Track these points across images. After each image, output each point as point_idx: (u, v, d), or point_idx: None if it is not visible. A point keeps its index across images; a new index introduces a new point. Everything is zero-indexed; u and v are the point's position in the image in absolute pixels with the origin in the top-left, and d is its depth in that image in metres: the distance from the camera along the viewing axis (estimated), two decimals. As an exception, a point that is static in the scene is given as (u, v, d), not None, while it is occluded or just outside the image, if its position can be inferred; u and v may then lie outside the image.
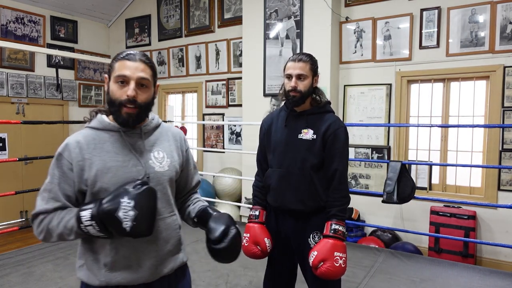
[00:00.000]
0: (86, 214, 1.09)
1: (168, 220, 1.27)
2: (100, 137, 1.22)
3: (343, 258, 1.69)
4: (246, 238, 1.89)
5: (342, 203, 1.77)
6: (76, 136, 1.24)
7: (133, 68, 1.17)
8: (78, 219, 1.10)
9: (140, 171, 1.21)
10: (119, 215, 1.06)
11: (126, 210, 1.07)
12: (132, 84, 1.16)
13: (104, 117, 1.25)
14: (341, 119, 1.91)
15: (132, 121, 1.20)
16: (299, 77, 1.80)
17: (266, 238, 1.87)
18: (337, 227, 1.72)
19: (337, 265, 1.66)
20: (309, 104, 1.88)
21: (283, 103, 1.98)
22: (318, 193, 1.80)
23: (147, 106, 1.22)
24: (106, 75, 1.23)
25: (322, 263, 1.67)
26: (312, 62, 1.84)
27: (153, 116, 1.32)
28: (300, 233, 1.84)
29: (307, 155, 1.80)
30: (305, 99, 1.84)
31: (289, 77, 1.83)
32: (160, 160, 1.27)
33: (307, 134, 1.82)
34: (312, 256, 1.70)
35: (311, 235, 1.82)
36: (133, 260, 1.20)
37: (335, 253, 1.67)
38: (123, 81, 1.17)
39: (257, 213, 1.95)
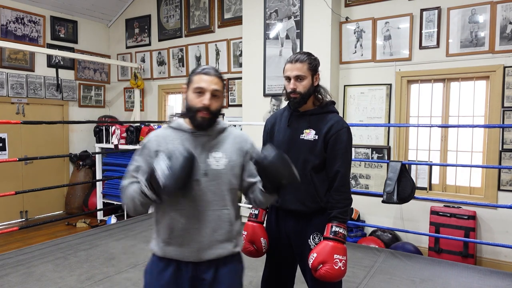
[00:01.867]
0: (143, 178, 1.34)
1: (218, 213, 1.45)
2: (174, 135, 1.48)
3: (343, 261, 1.67)
4: (243, 236, 1.92)
5: (344, 205, 1.75)
6: (157, 131, 1.53)
7: (208, 82, 1.41)
8: (140, 183, 1.35)
9: (200, 167, 1.42)
10: (156, 170, 1.26)
11: (162, 166, 1.26)
12: (207, 95, 1.40)
13: (181, 119, 1.51)
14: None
15: (206, 124, 1.43)
16: (298, 78, 1.78)
17: (262, 238, 1.89)
18: (337, 229, 1.70)
19: (337, 267, 1.65)
20: (312, 103, 1.85)
21: (286, 102, 1.96)
22: (319, 194, 1.79)
23: (218, 112, 1.46)
24: (185, 86, 1.48)
25: (321, 265, 1.66)
26: (310, 61, 1.80)
27: (219, 121, 1.52)
28: (301, 233, 1.83)
29: (308, 156, 1.79)
30: (306, 99, 1.81)
31: (288, 79, 1.81)
32: (218, 159, 1.46)
33: (309, 134, 1.81)
34: (312, 258, 1.69)
35: (311, 236, 1.80)
36: (184, 240, 1.43)
37: (335, 255, 1.66)
38: (200, 92, 1.41)
39: (256, 212, 1.98)
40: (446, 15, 3.84)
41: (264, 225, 1.98)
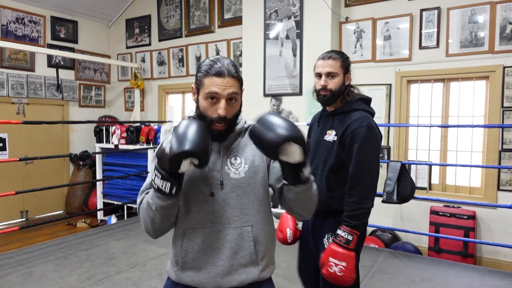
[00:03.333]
0: (153, 168, 1.15)
1: (239, 231, 1.22)
2: None
3: (339, 266, 1.60)
4: (277, 224, 2.00)
5: (353, 209, 1.66)
6: (169, 139, 1.31)
7: (223, 85, 1.16)
8: (152, 180, 1.15)
9: (216, 176, 1.22)
10: (163, 146, 1.09)
11: (168, 140, 1.09)
12: (222, 103, 1.17)
13: None
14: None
15: (222, 136, 1.22)
16: (329, 75, 1.76)
17: (288, 229, 1.97)
18: (340, 232, 1.66)
19: (331, 271, 1.61)
20: (340, 103, 1.81)
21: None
22: (332, 195, 1.76)
23: (236, 117, 1.25)
24: (194, 86, 1.25)
25: (323, 265, 1.68)
26: (342, 59, 1.78)
27: (239, 120, 1.29)
28: (317, 232, 1.86)
29: (328, 157, 1.77)
30: (336, 98, 1.77)
31: (318, 75, 1.79)
32: (237, 166, 1.24)
33: (330, 135, 1.79)
34: (320, 257, 1.72)
35: (326, 236, 1.80)
36: (201, 264, 1.22)
37: (330, 258, 1.63)
38: (213, 97, 1.17)
39: None
40: (446, 15, 3.85)
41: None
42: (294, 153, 1.09)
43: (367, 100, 1.86)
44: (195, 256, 1.22)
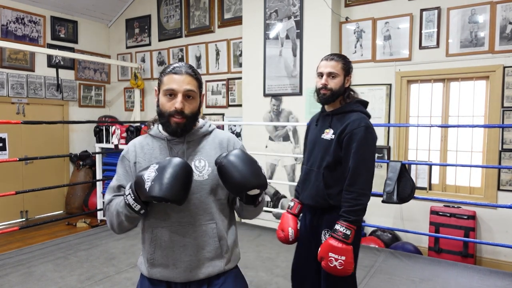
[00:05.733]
0: (127, 186, 1.23)
1: (204, 228, 1.30)
2: (152, 144, 1.35)
3: (339, 261, 1.67)
4: (278, 223, 2.10)
5: (351, 205, 1.74)
6: (135, 140, 1.40)
7: (180, 82, 1.26)
8: (124, 194, 1.23)
9: None
10: (144, 177, 1.16)
11: (150, 173, 1.15)
12: (179, 97, 1.25)
13: (159, 126, 1.36)
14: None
15: (181, 130, 1.28)
16: (330, 75, 1.85)
17: (290, 228, 2.02)
18: (338, 227, 1.73)
19: (332, 265, 1.69)
20: (339, 104, 1.91)
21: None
22: (328, 191, 1.85)
23: (194, 116, 1.30)
24: (156, 88, 1.34)
25: (322, 259, 1.74)
26: (344, 62, 1.89)
27: (203, 124, 1.37)
28: (316, 228, 1.93)
29: (325, 155, 1.86)
30: (335, 97, 1.87)
31: (320, 75, 1.88)
32: (201, 169, 1.30)
33: (328, 134, 1.88)
34: (318, 252, 1.78)
35: (323, 232, 1.88)
36: (169, 260, 1.30)
37: (330, 253, 1.70)
38: (171, 94, 1.27)
39: (292, 204, 2.10)
40: (446, 15, 3.85)
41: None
42: (254, 192, 1.24)
43: (365, 103, 1.97)
44: (163, 253, 1.30)
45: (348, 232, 1.71)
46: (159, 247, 1.30)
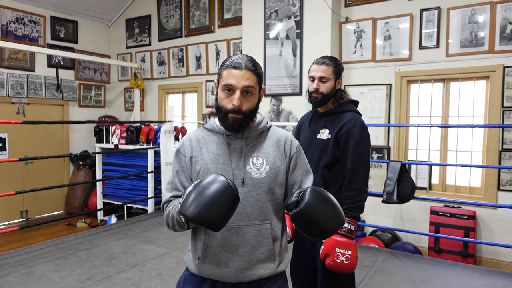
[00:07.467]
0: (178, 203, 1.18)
1: (258, 228, 1.27)
2: (209, 138, 1.31)
3: (346, 255, 1.72)
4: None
5: (352, 202, 1.79)
6: (190, 134, 1.36)
7: (238, 77, 1.21)
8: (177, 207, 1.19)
9: (237, 175, 1.25)
10: (187, 192, 1.11)
11: (189, 195, 1.09)
12: (237, 94, 1.21)
13: (215, 119, 1.33)
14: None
15: (237, 126, 1.25)
16: (322, 79, 1.89)
17: (287, 228, 2.00)
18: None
19: (338, 261, 1.72)
20: (331, 104, 1.95)
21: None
22: (327, 190, 1.83)
23: (252, 112, 1.27)
24: (216, 81, 1.30)
25: (327, 257, 1.75)
26: (335, 65, 1.92)
27: (261, 120, 1.34)
28: None
29: (322, 154, 1.89)
30: (327, 100, 1.91)
31: (312, 79, 1.92)
32: (259, 166, 1.27)
33: (324, 134, 1.92)
34: (320, 250, 1.79)
35: None
36: (221, 259, 1.26)
37: (336, 249, 1.73)
38: (230, 89, 1.22)
39: None
40: (446, 15, 3.85)
41: None
42: None
43: (356, 103, 2.01)
44: (215, 251, 1.26)
45: (352, 228, 1.76)
46: (211, 246, 1.26)
